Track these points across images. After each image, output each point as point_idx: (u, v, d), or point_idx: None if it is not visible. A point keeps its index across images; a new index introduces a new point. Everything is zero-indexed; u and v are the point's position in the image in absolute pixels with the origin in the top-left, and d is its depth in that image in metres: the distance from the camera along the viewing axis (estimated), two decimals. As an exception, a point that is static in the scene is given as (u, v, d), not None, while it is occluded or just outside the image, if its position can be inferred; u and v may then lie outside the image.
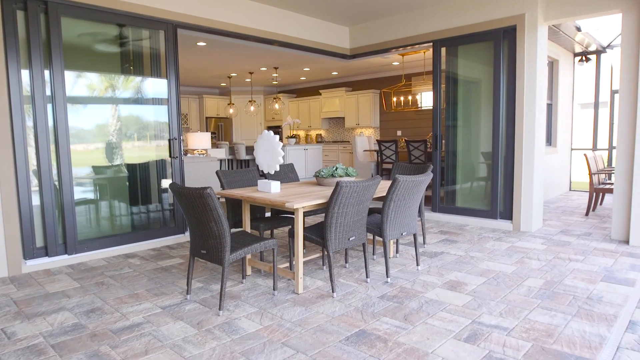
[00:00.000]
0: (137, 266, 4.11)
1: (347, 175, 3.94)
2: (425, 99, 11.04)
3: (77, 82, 4.32)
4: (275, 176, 4.61)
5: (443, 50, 6.02)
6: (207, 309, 3.06)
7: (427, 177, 3.62)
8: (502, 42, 5.39)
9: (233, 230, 5.09)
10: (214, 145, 13.50)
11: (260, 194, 3.47)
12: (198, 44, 7.77)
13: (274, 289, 3.33)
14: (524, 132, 5.28)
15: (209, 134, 8.14)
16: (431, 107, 11.20)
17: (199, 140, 8.05)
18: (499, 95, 5.45)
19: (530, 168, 5.29)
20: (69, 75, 4.21)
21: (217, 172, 4.09)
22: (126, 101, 4.70)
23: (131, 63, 4.76)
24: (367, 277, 3.60)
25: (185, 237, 5.09)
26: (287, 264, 3.85)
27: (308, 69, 10.99)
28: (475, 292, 3.34)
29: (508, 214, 5.53)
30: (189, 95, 13.79)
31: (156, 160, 4.94)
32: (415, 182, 3.51)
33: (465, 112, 5.96)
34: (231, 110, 12.21)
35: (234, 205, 4.00)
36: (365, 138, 10.37)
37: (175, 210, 5.01)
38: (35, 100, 3.97)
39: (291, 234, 3.46)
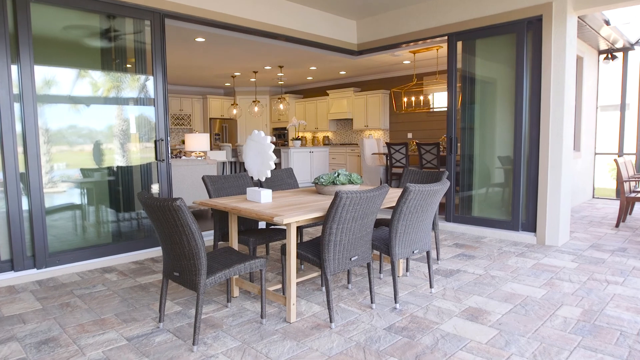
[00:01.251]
0: (113, 283, 3.64)
1: (351, 182, 3.43)
2: (438, 100, 10.49)
3: (50, 79, 3.88)
4: (270, 182, 4.12)
5: (459, 44, 5.49)
6: (181, 342, 2.57)
7: (443, 186, 3.10)
8: (526, 34, 4.85)
9: (221, 244, 4.63)
10: (216, 147, 13.08)
11: (247, 204, 2.98)
12: (196, 39, 7.33)
13: (262, 317, 2.84)
14: (550, 135, 4.73)
15: (207, 135, 7.69)
16: (444, 108, 10.69)
17: (197, 141, 7.61)
18: (521, 94, 4.90)
19: (557, 175, 4.74)
20: (40, 71, 3.77)
21: (203, 178, 3.61)
22: (107, 100, 4.25)
23: (113, 58, 4.31)
24: (372, 302, 3.09)
25: (173, 248, 4.62)
26: (280, 286, 3.34)
27: (314, 68, 10.51)
28: (501, 323, 2.81)
29: (531, 226, 4.98)
30: (192, 96, 13.39)
31: (141, 164, 4.47)
32: (430, 192, 3.00)
33: (483, 112, 5.42)
34: (235, 111, 11.78)
35: (222, 216, 3.52)
36: (374, 140, 9.86)
37: (161, 219, 4.54)
38: (0, 99, 3.52)
39: (284, 252, 2.97)
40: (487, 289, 3.44)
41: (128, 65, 4.41)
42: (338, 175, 3.46)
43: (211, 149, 12.96)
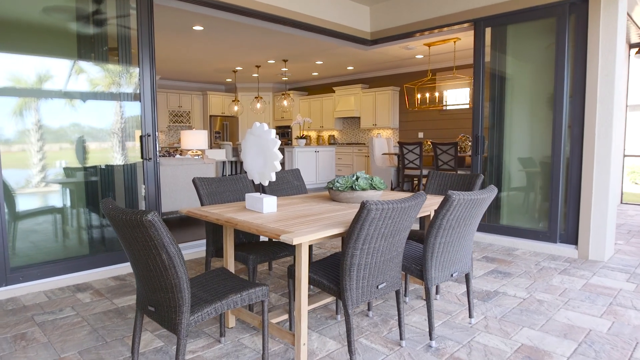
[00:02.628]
0: (84, 306, 3.03)
1: (373, 187, 2.82)
2: (452, 97, 9.87)
3: (14, 69, 3.27)
4: (274, 186, 3.50)
5: (487, 31, 4.87)
6: (157, 397, 1.96)
7: (490, 194, 2.49)
8: (568, 19, 4.23)
9: (214, 261, 4.01)
10: (216, 145, 12.48)
11: (246, 214, 2.37)
12: (194, 28, 6.72)
13: (264, 359, 2.22)
14: (597, 135, 4.11)
15: (205, 132, 7.08)
16: (459, 106, 10.09)
17: (194, 139, 7.00)
18: (561, 88, 4.28)
19: (605, 180, 4.12)
20: (1, 59, 3.16)
21: (194, 181, 3.00)
22: (84, 95, 3.64)
23: (92, 46, 3.70)
24: (401, 337, 2.47)
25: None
26: (286, 317, 2.72)
27: (321, 63, 9.90)
28: (571, 372, 2.19)
29: (571, 237, 4.36)
30: (191, 92, 12.80)
31: (125, 164, 3.87)
32: (476, 201, 2.38)
33: (514, 108, 4.80)
34: (236, 108, 11.17)
35: (216, 226, 2.91)
36: (384, 140, 9.24)
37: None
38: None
39: (291, 274, 2.36)
40: (537, 319, 2.82)
41: (110, 55, 3.80)
42: (357, 179, 2.84)
43: (211, 148, 12.36)
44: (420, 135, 10.50)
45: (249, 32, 7.03)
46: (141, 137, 3.82)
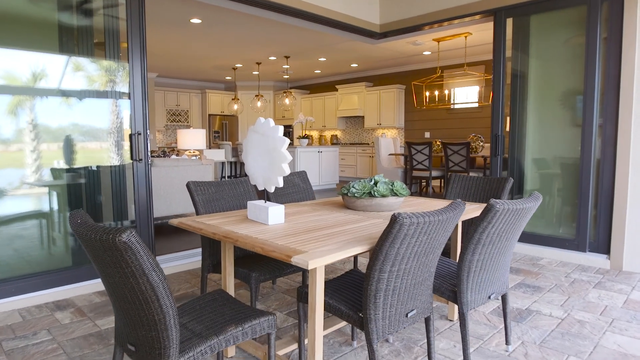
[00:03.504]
0: (63, 328, 2.65)
1: (394, 194, 2.45)
2: (459, 96, 9.50)
3: (-13, 46, 2.89)
4: (278, 190, 3.13)
5: (509, 22, 4.50)
6: None
7: (535, 203, 2.11)
8: (601, 5, 3.86)
9: (212, 277, 3.63)
10: (215, 145, 12.11)
11: (248, 226, 2.00)
12: (191, 20, 6.35)
13: (269, 402, 1.84)
14: (633, 134, 3.74)
15: (203, 132, 6.71)
16: (466, 106, 9.72)
17: (192, 138, 6.63)
18: (592, 83, 3.91)
19: (642, 183, 3.75)
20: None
21: (188, 185, 2.62)
22: (66, 93, 3.26)
23: (75, 39, 3.33)
24: (430, 371, 2.09)
25: (154, 272, 3.63)
26: (295, 346, 2.34)
27: (324, 59, 9.53)
28: (641, 420, 1.82)
29: (603, 246, 3.99)
30: (190, 90, 12.42)
31: (112, 165, 3.49)
32: (521, 211, 2.01)
33: (538, 105, 4.43)
34: (236, 107, 10.79)
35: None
36: (390, 140, 8.87)
37: (139, 234, 3.54)
38: None
39: (302, 298, 1.99)
40: (582, 345, 2.45)
41: (96, 48, 3.43)
42: (375, 184, 2.47)
43: (210, 147, 11.98)
44: (427, 135, 10.14)
45: (249, 26, 6.66)
46: (131, 135, 3.44)
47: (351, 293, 1.98)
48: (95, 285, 3.30)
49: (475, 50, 8.41)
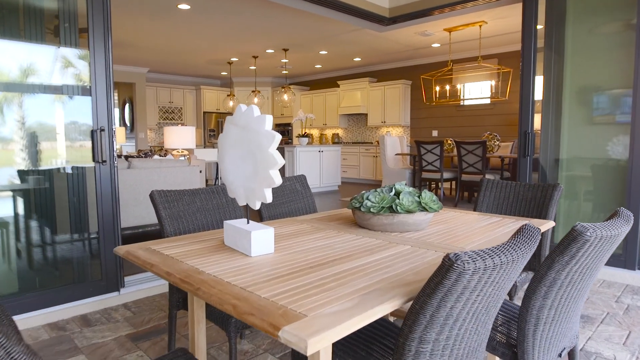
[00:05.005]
0: (-11, 382, 2.04)
1: (424, 208, 1.83)
2: (470, 92, 8.89)
3: None
4: (274, 199, 2.51)
5: (541, 3, 3.89)
6: None
7: (627, 226, 1.50)
8: (655, -21, 3.25)
9: (181, 316, 2.98)
10: (210, 144, 11.51)
11: (223, 260, 1.39)
12: (179, 6, 5.74)
13: None
14: (696, 129, 3.13)
15: (193, 129, 6.10)
16: (478, 102, 9.11)
17: (180, 136, 6.02)
18: (644, 69, 3.31)
19: None
20: None
21: (151, 196, 2.02)
22: (9, 87, 2.65)
23: (21, 22, 2.71)
24: None
25: (120, 297, 3.01)
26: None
27: (325, 53, 8.91)
28: None
29: (656, 264, 3.38)
30: (184, 86, 11.80)
31: (67, 170, 2.88)
32: (612, 238, 1.40)
33: (573, 99, 3.82)
34: (231, 103, 10.18)
35: (183, 265, 1.92)
36: (396, 138, 8.26)
37: (102, 251, 2.93)
38: None
39: (299, 363, 1.38)
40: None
41: (48, 34, 2.82)
42: (398, 195, 1.86)
43: (205, 147, 11.37)
44: (435, 133, 9.53)
45: (243, 13, 6.05)
46: (92, 132, 2.83)
47: (369, 354, 1.37)
48: (46, 316, 2.68)
49: (489, 42, 7.81)
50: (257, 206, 1.48)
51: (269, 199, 1.42)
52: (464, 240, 1.71)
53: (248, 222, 1.55)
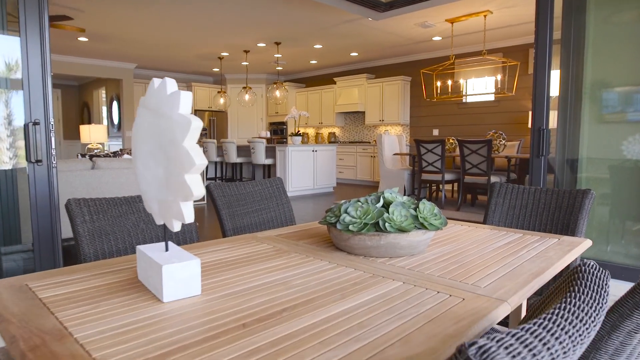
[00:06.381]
0: None
1: (422, 225, 1.35)
2: (472, 88, 8.41)
3: None
4: (236, 207, 2.05)
5: (557, -20, 3.41)
6: None
7: None
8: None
9: None
10: (200, 144, 11.03)
11: (107, 319, 0.91)
12: (157, -9, 5.26)
13: None
14: None
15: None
16: (479, 99, 8.63)
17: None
18: (680, 55, 2.83)
19: None
20: None
21: (67, 207, 1.54)
22: None
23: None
24: None
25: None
26: None
27: (320, 47, 8.44)
28: None
29: (694, 282, 2.90)
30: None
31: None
32: None
33: (596, 94, 3.34)
34: (222, 100, 9.71)
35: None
36: (395, 138, 7.79)
37: (37, 267, 2.46)
38: None
39: None
40: None
41: None
42: (387, 207, 1.38)
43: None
44: (435, 132, 9.05)
45: (229, 2, 5.57)
46: (25, 126, 2.35)
47: None
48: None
49: (494, 36, 7.33)
50: (175, 227, 1.00)
51: (187, 218, 0.94)
52: (477, 272, 1.23)
53: (167, 249, 1.08)
